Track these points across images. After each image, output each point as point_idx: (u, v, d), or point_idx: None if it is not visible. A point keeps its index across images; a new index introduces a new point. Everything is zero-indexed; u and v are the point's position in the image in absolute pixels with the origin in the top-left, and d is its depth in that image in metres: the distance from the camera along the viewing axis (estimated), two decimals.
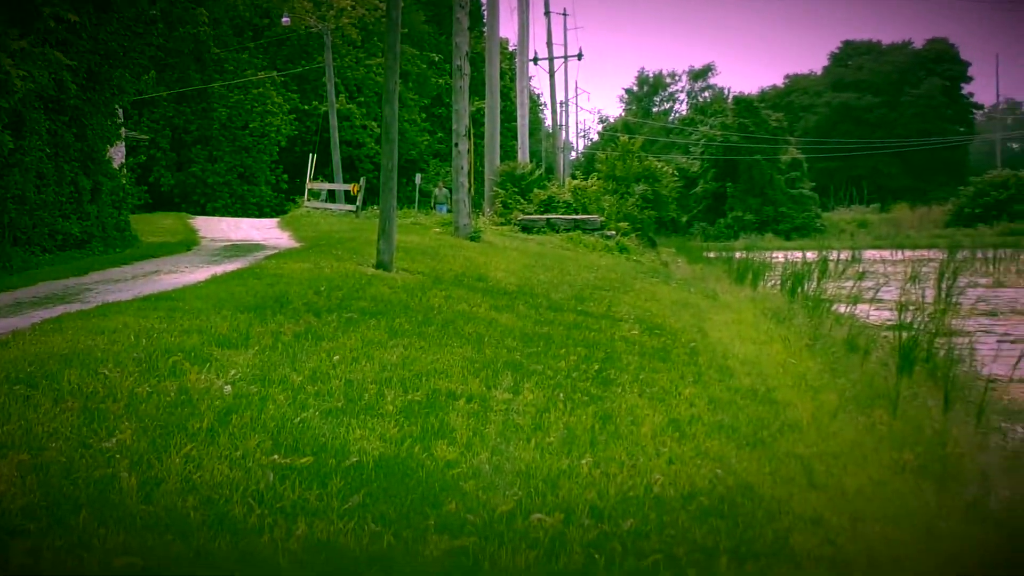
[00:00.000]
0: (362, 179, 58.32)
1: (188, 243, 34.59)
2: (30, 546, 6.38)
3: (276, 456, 8.64)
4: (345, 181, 67.75)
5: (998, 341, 26.70)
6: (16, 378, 10.79)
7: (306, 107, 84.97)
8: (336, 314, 16.58)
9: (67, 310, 16.88)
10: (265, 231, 41.96)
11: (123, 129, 37.15)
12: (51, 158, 28.29)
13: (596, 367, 14.73)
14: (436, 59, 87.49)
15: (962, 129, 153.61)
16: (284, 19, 77.76)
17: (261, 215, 64.28)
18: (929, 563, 8.34)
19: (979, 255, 58.28)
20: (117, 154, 36.84)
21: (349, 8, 79.98)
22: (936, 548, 8.73)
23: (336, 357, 13.16)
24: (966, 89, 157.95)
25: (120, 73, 31.21)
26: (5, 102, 24.30)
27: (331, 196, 62.58)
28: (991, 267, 56.58)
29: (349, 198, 60.56)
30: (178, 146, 76.32)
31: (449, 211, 49.21)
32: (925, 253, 60.55)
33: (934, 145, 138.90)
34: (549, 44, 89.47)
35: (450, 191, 47.81)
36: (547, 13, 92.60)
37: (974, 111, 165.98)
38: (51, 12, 26.31)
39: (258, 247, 32.02)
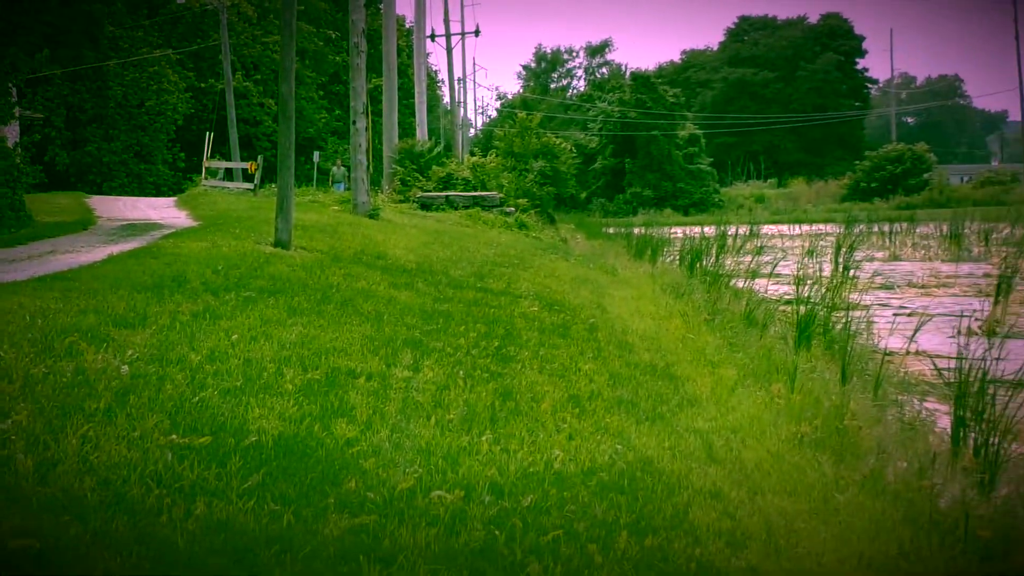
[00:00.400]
0: (260, 157, 58.14)
1: (84, 223, 34.07)
2: None
3: (174, 436, 8.59)
4: (243, 159, 67.39)
5: (894, 314, 27.04)
6: None
7: (203, 85, 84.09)
8: (234, 293, 16.48)
9: None
10: (162, 210, 41.57)
11: (17, 108, 36.64)
12: None
13: (496, 344, 14.83)
14: (333, 36, 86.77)
15: (857, 104, 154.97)
16: None
17: (158, 194, 63.85)
18: (826, 534, 8.41)
19: (875, 229, 58.94)
20: (11, 133, 36.36)
21: None
22: (833, 520, 8.84)
23: (234, 336, 13.12)
24: (861, 64, 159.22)
25: (13, 51, 30.79)
26: None
27: (229, 175, 62.44)
28: (887, 241, 57.13)
29: (247, 176, 60.09)
30: (73, 125, 74.42)
31: (347, 189, 49.03)
32: (822, 227, 61.05)
33: (830, 120, 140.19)
34: (446, 21, 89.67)
35: (348, 169, 47.60)
36: None
37: (869, 86, 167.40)
38: None
39: (155, 226, 31.69)
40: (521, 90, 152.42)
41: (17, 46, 31.15)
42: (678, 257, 35.60)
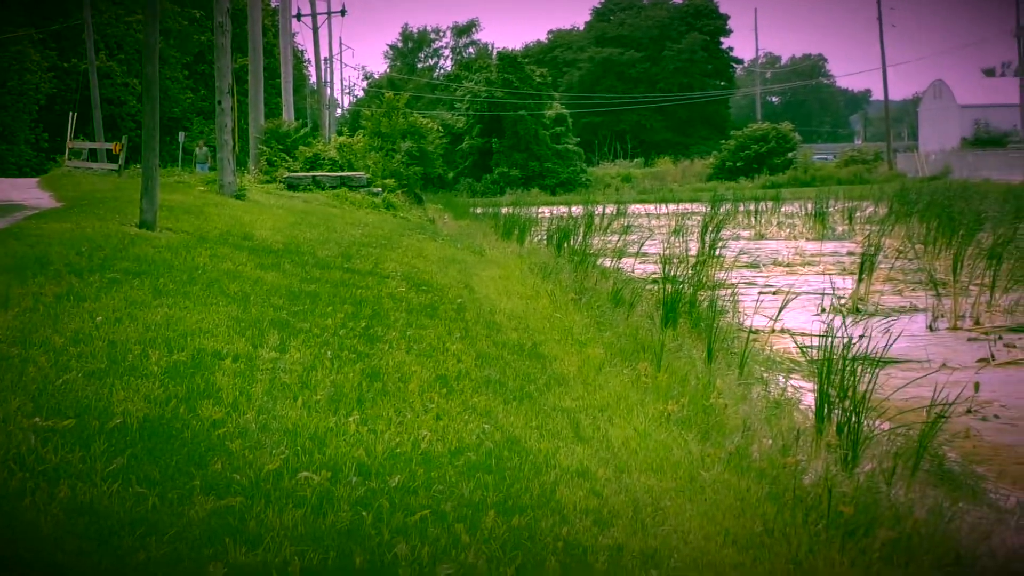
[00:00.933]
0: (124, 138, 55.83)
1: None
2: None
3: (37, 419, 8.48)
4: (107, 140, 65.95)
5: (759, 293, 27.49)
6: None
7: (66, 65, 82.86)
8: (99, 275, 16.27)
9: None
10: (25, 191, 40.89)
11: None
12: None
13: (363, 324, 14.84)
14: (198, 15, 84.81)
15: (723, 83, 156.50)
16: None
17: (21, 175, 62.98)
18: (692, 511, 8.52)
19: (741, 208, 59.63)
20: None
21: None
22: (699, 497, 8.95)
23: (99, 318, 12.96)
24: (726, 43, 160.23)
25: None
26: None
27: (93, 155, 60.60)
28: (753, 220, 57.69)
29: (111, 157, 58.13)
30: None
31: (212, 169, 48.77)
32: (689, 206, 61.49)
33: (695, 99, 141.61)
34: (312, 1, 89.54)
35: (212, 149, 47.36)
36: None
37: (734, 65, 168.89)
38: None
39: (18, 207, 31.10)
40: (388, 70, 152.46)
41: None
42: (545, 237, 35.86)
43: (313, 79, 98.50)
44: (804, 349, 17.62)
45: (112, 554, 6.41)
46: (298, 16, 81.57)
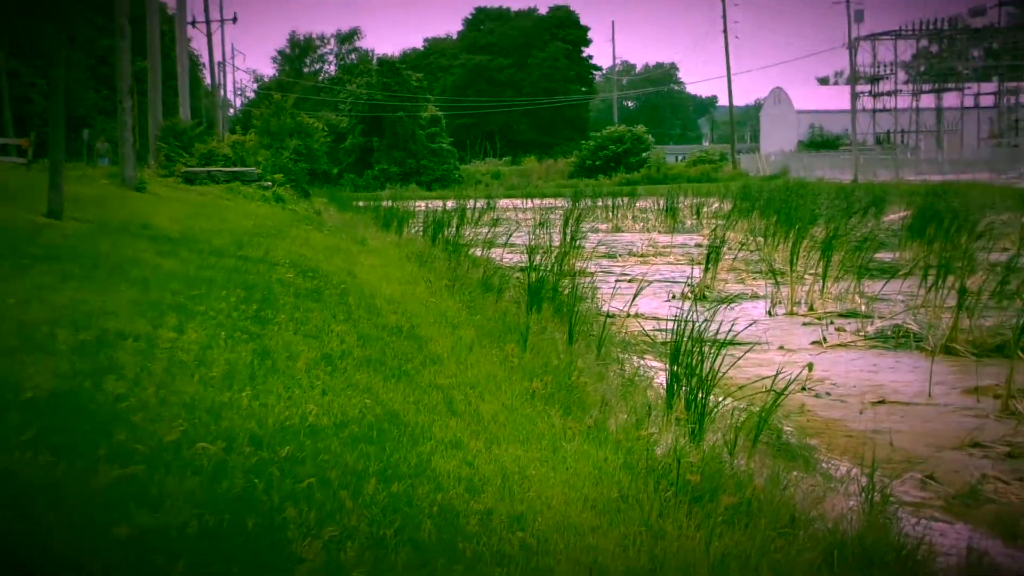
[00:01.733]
0: (32, 134, 55.62)
1: None
2: None
3: None
4: (16, 136, 64.87)
5: (616, 281, 27.82)
6: None
7: None
8: (9, 260, 16.22)
9: None
10: None
11: None
12: None
13: (255, 307, 14.78)
14: (100, 22, 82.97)
15: (584, 88, 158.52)
16: None
17: None
18: (555, 479, 8.63)
19: (600, 203, 60.16)
20: None
21: None
22: (561, 467, 9.07)
23: (11, 300, 12.85)
24: (586, 52, 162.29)
25: None
26: None
27: (3, 150, 60.59)
28: (610, 214, 58.22)
29: (20, 152, 57.28)
30: None
31: (112, 164, 48.49)
32: (552, 202, 61.99)
33: (559, 103, 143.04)
34: (206, 8, 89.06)
35: (113, 145, 47.14)
36: None
37: (594, 72, 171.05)
38: None
39: None
40: (276, 74, 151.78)
41: None
42: (422, 228, 35.99)
43: (208, 81, 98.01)
44: (653, 332, 17.94)
45: (26, 517, 6.37)
46: (193, 23, 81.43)
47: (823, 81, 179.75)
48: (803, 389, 15.02)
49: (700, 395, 11.61)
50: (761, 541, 7.52)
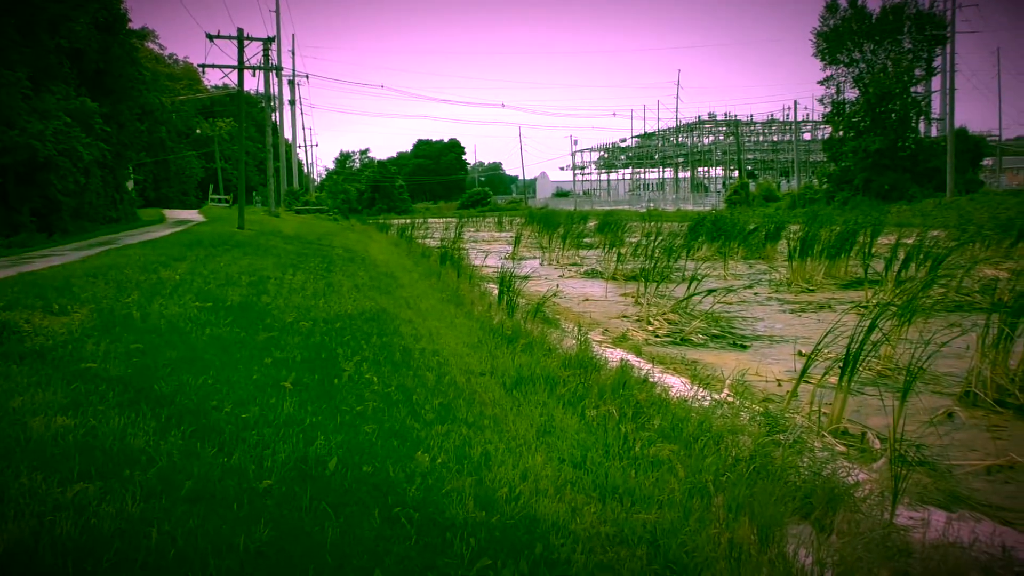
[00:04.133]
0: (231, 194, 64.86)
1: (161, 219, 35.98)
2: None
3: (198, 302, 9.12)
4: (223, 193, 69.41)
5: (483, 252, 30.03)
6: (90, 272, 11.46)
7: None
8: (221, 248, 17.40)
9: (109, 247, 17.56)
10: (192, 214, 42.65)
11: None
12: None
13: (325, 265, 15.69)
14: (257, 147, 77.28)
15: (462, 171, 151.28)
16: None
17: (191, 207, 62.54)
18: (452, 336, 9.29)
19: (470, 220, 61.34)
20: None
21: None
22: (455, 331, 9.81)
23: (222, 263, 13.80)
24: (464, 157, 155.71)
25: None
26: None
27: (221, 200, 64.54)
28: (475, 225, 59.82)
29: (226, 200, 64.59)
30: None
31: (263, 206, 53.12)
32: (451, 220, 63.11)
33: (452, 178, 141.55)
34: (304, 137, 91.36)
35: (264, 197, 52.47)
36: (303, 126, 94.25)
37: (466, 165, 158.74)
38: None
39: (189, 221, 33.01)
40: (335, 165, 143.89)
41: None
42: (397, 232, 37.24)
43: (306, 170, 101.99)
44: (495, 272, 19.90)
45: (226, 354, 6.75)
46: (304, 147, 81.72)
47: (563, 169, 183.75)
48: (554, 295, 15.86)
49: (512, 298, 12.46)
50: (537, 358, 8.17)
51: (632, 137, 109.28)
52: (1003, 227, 21.65)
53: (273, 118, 56.00)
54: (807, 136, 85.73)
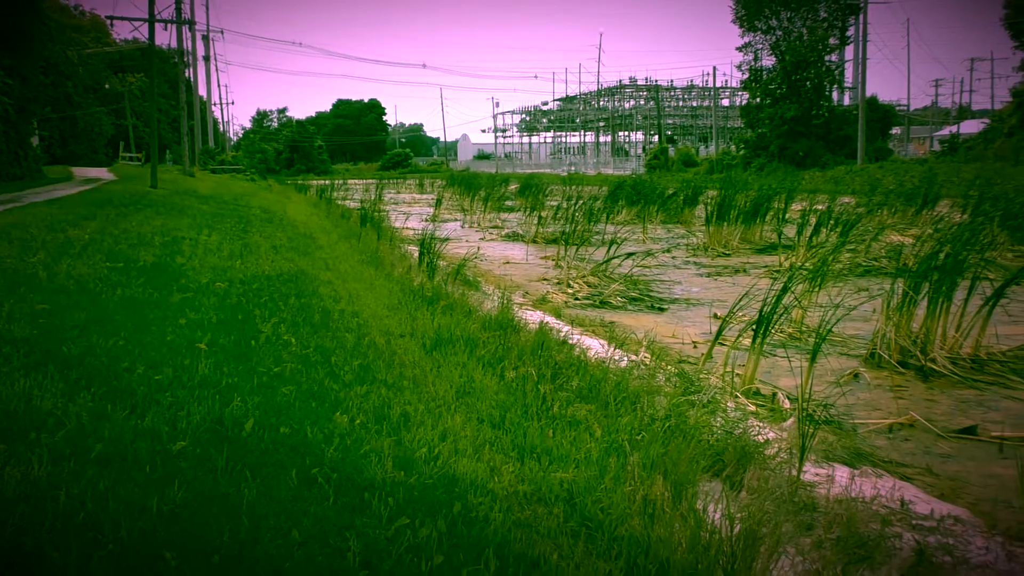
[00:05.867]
0: (143, 152, 64.31)
1: (68, 177, 34.87)
2: None
3: (108, 263, 8.91)
4: (135, 151, 68.85)
5: (402, 213, 29.95)
6: None
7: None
8: (133, 207, 16.95)
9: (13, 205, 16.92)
10: (101, 172, 41.58)
11: None
12: None
13: (243, 226, 15.34)
14: (170, 103, 74.15)
15: (383, 132, 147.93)
16: None
17: (101, 165, 60.44)
18: (371, 297, 9.22)
19: (391, 183, 61.89)
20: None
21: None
22: (375, 292, 9.74)
23: (134, 223, 13.44)
24: (385, 118, 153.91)
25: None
26: None
27: (133, 159, 63.62)
28: (396, 186, 59.48)
29: (138, 159, 63.82)
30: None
31: (178, 165, 51.11)
32: (372, 182, 63.01)
33: (373, 139, 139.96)
34: (220, 95, 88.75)
35: (178, 156, 50.83)
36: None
37: (388, 126, 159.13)
38: None
39: (99, 179, 32.30)
40: (251, 124, 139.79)
41: None
42: (316, 193, 36.77)
43: (222, 128, 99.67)
44: (416, 234, 19.94)
45: (137, 313, 6.59)
46: (219, 104, 79.33)
47: (485, 131, 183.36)
48: (475, 256, 15.91)
49: (432, 260, 12.45)
50: (457, 320, 8.07)
51: (554, 100, 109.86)
52: (909, 195, 22.41)
53: (187, 74, 54.20)
54: (726, 102, 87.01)
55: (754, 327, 7.16)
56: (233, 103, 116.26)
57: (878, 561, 3.79)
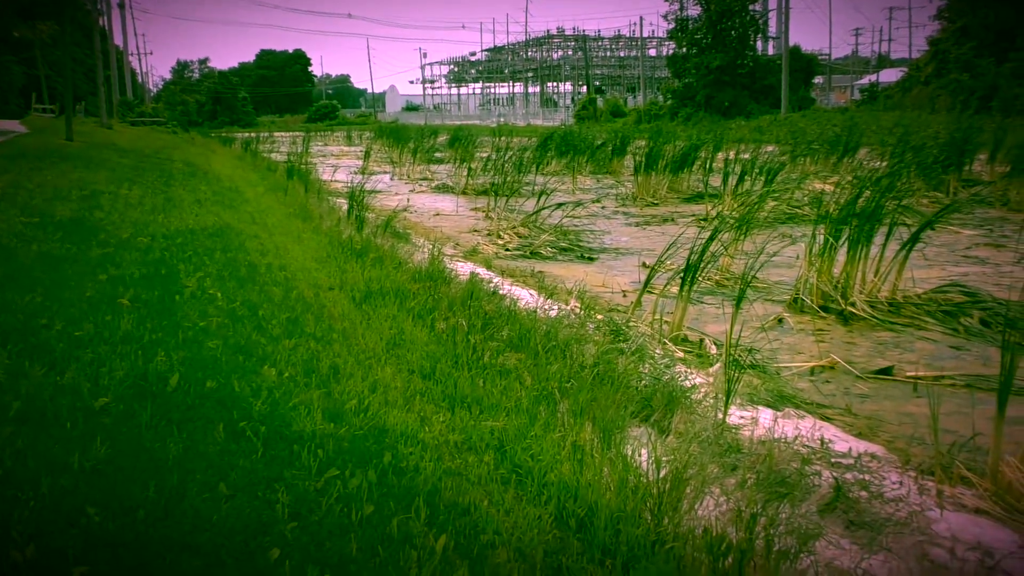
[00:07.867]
0: (58, 103, 59.53)
1: None
2: None
3: (23, 218, 8.68)
4: (48, 103, 65.39)
5: (329, 166, 29.66)
6: None
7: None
8: (48, 160, 16.43)
9: None
10: (13, 125, 39.40)
11: None
12: None
13: (165, 179, 15.03)
14: (84, 51, 71.03)
15: (308, 84, 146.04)
16: None
17: (12, 117, 58.06)
18: (299, 250, 9.10)
19: (318, 135, 61.90)
20: None
21: None
22: (303, 245, 9.60)
23: (49, 177, 13.08)
24: (311, 69, 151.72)
25: None
26: None
27: (46, 111, 60.90)
28: (323, 139, 58.47)
29: (52, 111, 60.42)
30: None
31: (92, 117, 48.99)
32: (298, 135, 62.05)
33: (300, 91, 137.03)
34: (138, 44, 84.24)
35: (95, 108, 48.34)
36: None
37: (313, 78, 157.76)
38: None
39: (11, 132, 30.36)
40: (172, 75, 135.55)
41: None
42: (241, 146, 35.85)
43: (140, 80, 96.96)
44: (344, 187, 19.74)
45: (55, 271, 6.45)
46: (137, 55, 76.47)
47: (413, 83, 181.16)
48: (405, 210, 15.92)
49: (361, 213, 12.42)
50: (387, 272, 8.17)
51: (482, 51, 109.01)
52: (830, 143, 22.90)
53: (101, 22, 52.20)
54: (653, 52, 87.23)
55: (682, 275, 7.28)
56: (151, 53, 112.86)
57: (798, 498, 3.92)
